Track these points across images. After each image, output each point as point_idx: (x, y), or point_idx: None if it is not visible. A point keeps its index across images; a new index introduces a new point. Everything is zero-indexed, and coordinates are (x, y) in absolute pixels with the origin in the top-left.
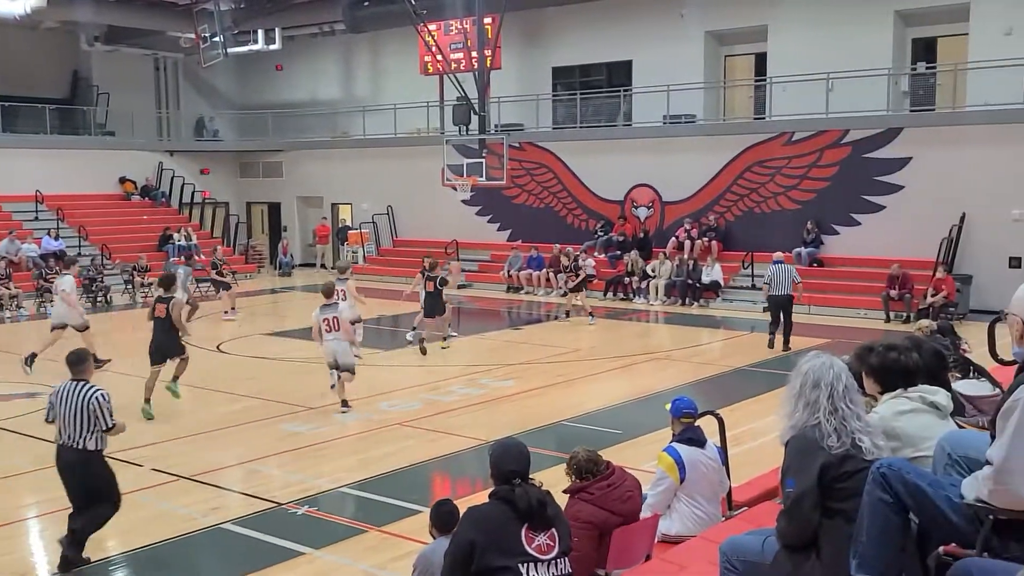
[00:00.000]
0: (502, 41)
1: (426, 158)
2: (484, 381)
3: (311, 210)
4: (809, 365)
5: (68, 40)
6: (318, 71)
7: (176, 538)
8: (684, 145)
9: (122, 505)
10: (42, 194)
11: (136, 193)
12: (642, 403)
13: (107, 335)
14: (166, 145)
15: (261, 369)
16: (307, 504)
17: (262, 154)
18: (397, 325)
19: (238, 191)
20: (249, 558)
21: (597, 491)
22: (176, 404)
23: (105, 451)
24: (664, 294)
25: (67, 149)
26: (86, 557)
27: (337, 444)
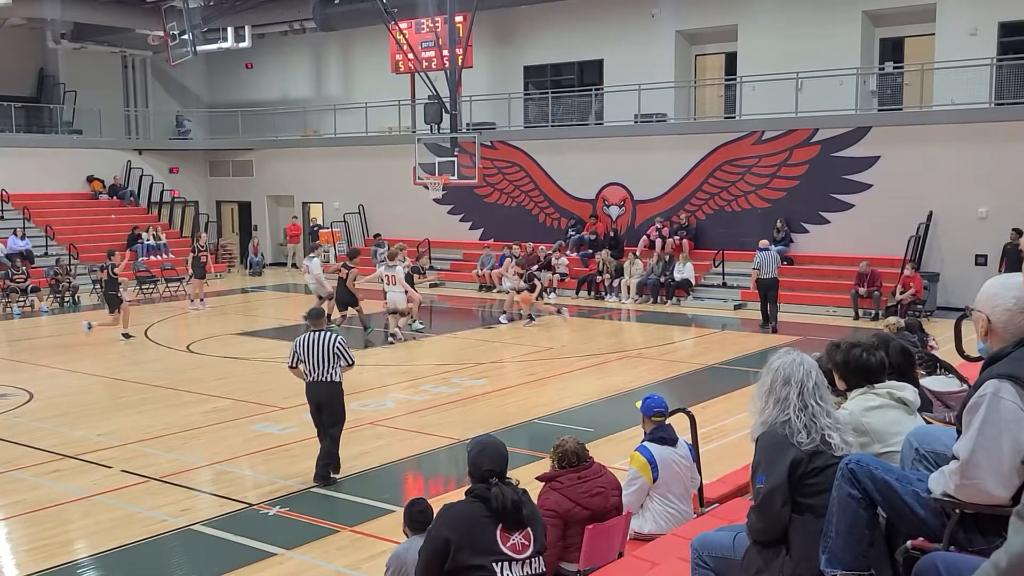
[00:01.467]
0: (473, 40)
1: (398, 157)
2: (457, 380)
3: (282, 209)
4: (779, 362)
5: (34, 37)
6: (288, 69)
7: (146, 540)
8: (655, 144)
9: (91, 507)
10: (8, 193)
11: (104, 192)
12: (614, 401)
13: (75, 336)
14: (134, 144)
15: (231, 369)
16: (278, 504)
17: (232, 153)
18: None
19: (208, 190)
20: (221, 559)
21: (567, 481)
22: (145, 404)
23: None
24: (636, 292)
25: (34, 148)
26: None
27: (308, 444)
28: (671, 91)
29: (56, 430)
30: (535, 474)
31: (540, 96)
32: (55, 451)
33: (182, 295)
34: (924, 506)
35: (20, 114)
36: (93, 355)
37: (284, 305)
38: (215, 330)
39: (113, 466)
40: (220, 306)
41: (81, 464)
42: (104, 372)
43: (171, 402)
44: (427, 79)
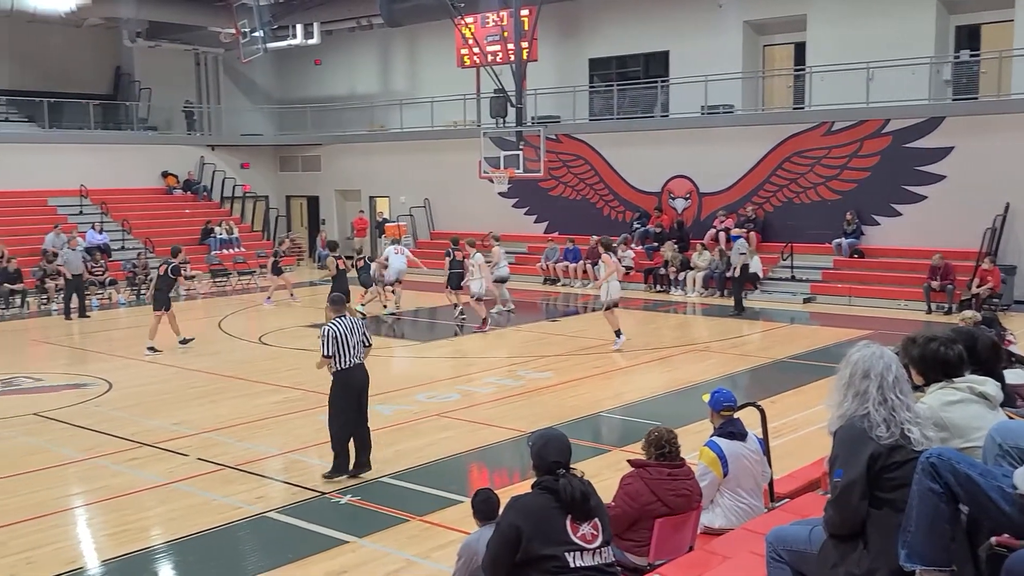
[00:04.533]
0: (539, 33)
1: (463, 151)
2: (522, 372)
3: (349, 203)
4: (859, 355)
5: (111, 36)
6: (356, 65)
7: (221, 527)
8: (722, 136)
9: (168, 494)
10: (86, 188)
11: (178, 187)
12: (681, 395)
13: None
14: (207, 140)
15: (301, 360)
16: (349, 493)
17: (301, 148)
18: (435, 317)
19: (278, 185)
20: (294, 546)
21: (656, 473)
22: (219, 394)
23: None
24: (702, 286)
25: (111, 144)
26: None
27: (377, 435)
28: (738, 82)
29: (134, 419)
30: (601, 466)
31: (605, 89)
32: (134, 439)
33: (254, 287)
34: (1009, 502)
35: (98, 111)
36: (169, 346)
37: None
38: (285, 322)
39: (189, 454)
40: (289, 299)
41: (158, 452)
42: (179, 363)
43: (243, 392)
44: (492, 73)
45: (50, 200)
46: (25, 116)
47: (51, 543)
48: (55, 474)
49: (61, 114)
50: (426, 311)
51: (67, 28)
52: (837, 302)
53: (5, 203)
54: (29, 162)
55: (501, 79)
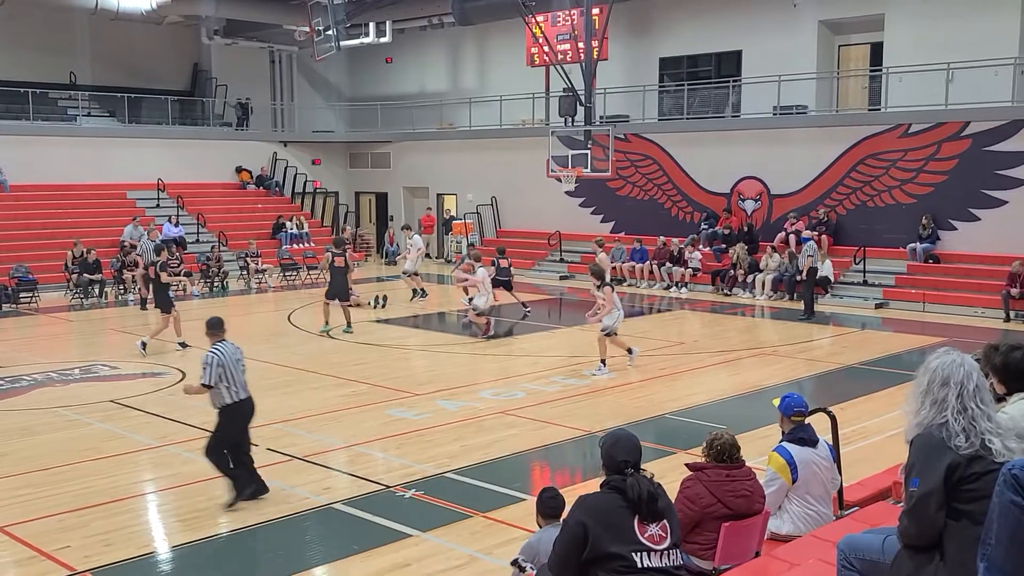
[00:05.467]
0: (609, 32)
1: (531, 149)
2: (587, 372)
3: (417, 200)
4: (938, 362)
5: (189, 34)
6: (426, 63)
7: (289, 516)
8: (794, 137)
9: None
10: (163, 182)
11: (251, 182)
12: (748, 398)
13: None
14: (280, 136)
15: (368, 355)
16: (413, 488)
17: (371, 145)
18: (498, 315)
19: (348, 181)
20: (359, 538)
21: (714, 475)
22: (288, 386)
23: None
24: (771, 289)
25: (187, 139)
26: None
27: (441, 430)
28: (812, 82)
29: (205, 408)
30: (667, 467)
31: (676, 88)
32: (205, 428)
33: (322, 282)
34: None
35: (175, 107)
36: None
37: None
38: (352, 317)
39: (259, 444)
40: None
41: None
42: (249, 354)
43: (312, 385)
44: (562, 72)
45: (129, 193)
46: (107, 111)
47: (125, 527)
48: (130, 460)
49: (140, 110)
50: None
51: (148, 26)
52: (910, 308)
53: (86, 195)
54: (109, 156)
55: (570, 78)
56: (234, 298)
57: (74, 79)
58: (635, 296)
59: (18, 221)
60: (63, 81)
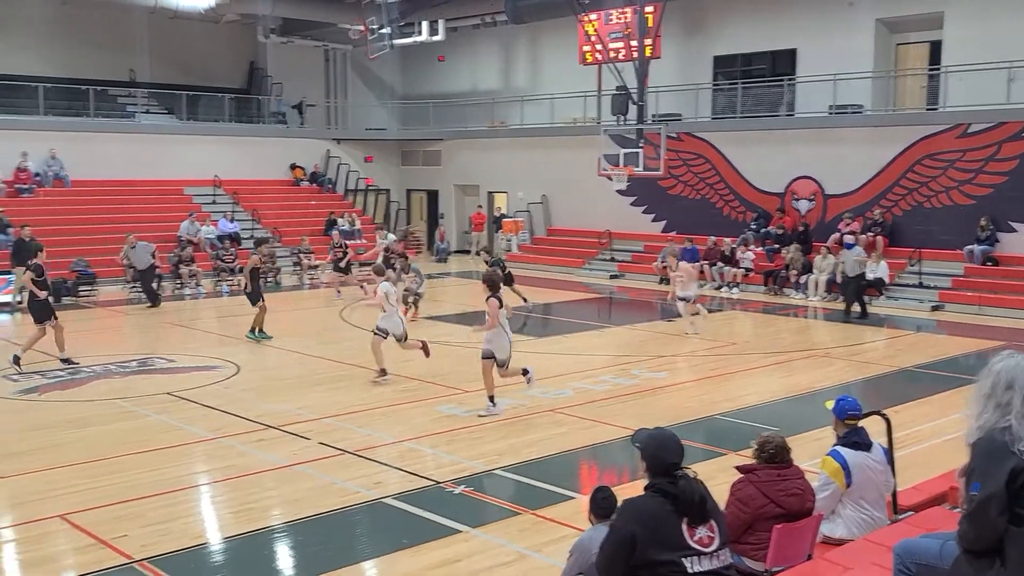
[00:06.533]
0: (663, 30)
1: (582, 148)
2: (636, 372)
3: (468, 198)
4: (1002, 365)
5: (246, 33)
6: (478, 61)
7: (340, 510)
8: (850, 136)
9: (291, 476)
10: (220, 178)
11: (305, 179)
12: (799, 401)
13: (276, 314)
14: (334, 133)
15: (418, 351)
16: (463, 484)
17: (423, 143)
18: (549, 313)
19: (399, 178)
20: (410, 532)
21: (765, 476)
22: (339, 381)
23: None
24: (824, 290)
25: (243, 136)
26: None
27: (490, 428)
28: (868, 81)
29: (259, 402)
30: (714, 470)
31: (729, 87)
32: (259, 421)
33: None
34: None
35: (232, 105)
36: (292, 332)
37: (467, 291)
38: (402, 314)
39: (311, 438)
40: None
41: (282, 435)
42: (302, 349)
43: (363, 380)
44: (615, 70)
45: (186, 189)
46: (165, 108)
47: (181, 517)
48: (185, 451)
49: (198, 107)
50: (540, 307)
51: (206, 25)
52: (967, 311)
53: (144, 191)
54: (167, 152)
55: (623, 76)
56: (286, 294)
57: (134, 77)
58: None
59: (78, 216)
60: (123, 79)
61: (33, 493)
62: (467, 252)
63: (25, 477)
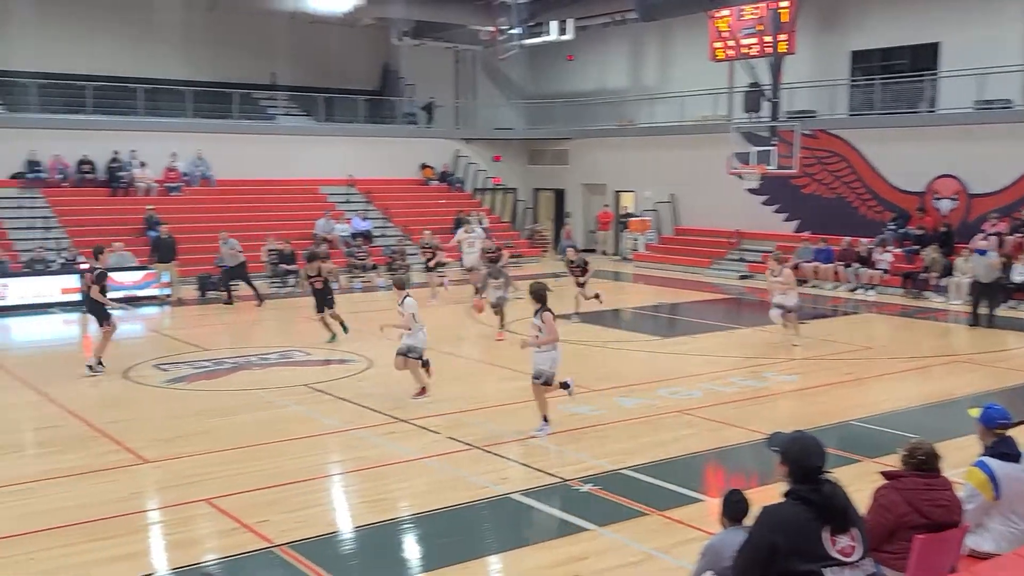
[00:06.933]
0: (798, 25)
1: (712, 146)
2: (767, 375)
3: (594, 197)
4: None
5: (380, 36)
6: (607, 60)
7: (468, 503)
8: (997, 133)
9: (421, 468)
10: (353, 178)
11: (435, 179)
12: (940, 408)
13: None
14: (463, 133)
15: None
16: (590, 482)
17: (550, 142)
18: (675, 313)
19: (526, 178)
20: (536, 528)
21: (911, 484)
22: (469, 377)
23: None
24: (967, 293)
25: (376, 137)
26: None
27: (617, 427)
28: (1017, 75)
29: (391, 395)
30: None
31: (867, 83)
32: (391, 414)
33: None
34: None
35: (365, 106)
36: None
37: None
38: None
39: (441, 432)
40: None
41: (413, 428)
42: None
43: (490, 377)
44: (747, 67)
45: (321, 188)
46: (303, 110)
47: (317, 505)
48: (321, 442)
49: (334, 109)
50: (667, 307)
51: (342, 28)
52: None
53: (282, 190)
54: (304, 153)
55: (756, 72)
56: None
57: (274, 80)
58: (819, 297)
59: (222, 213)
60: (264, 82)
61: (182, 477)
62: (593, 251)
63: (175, 462)
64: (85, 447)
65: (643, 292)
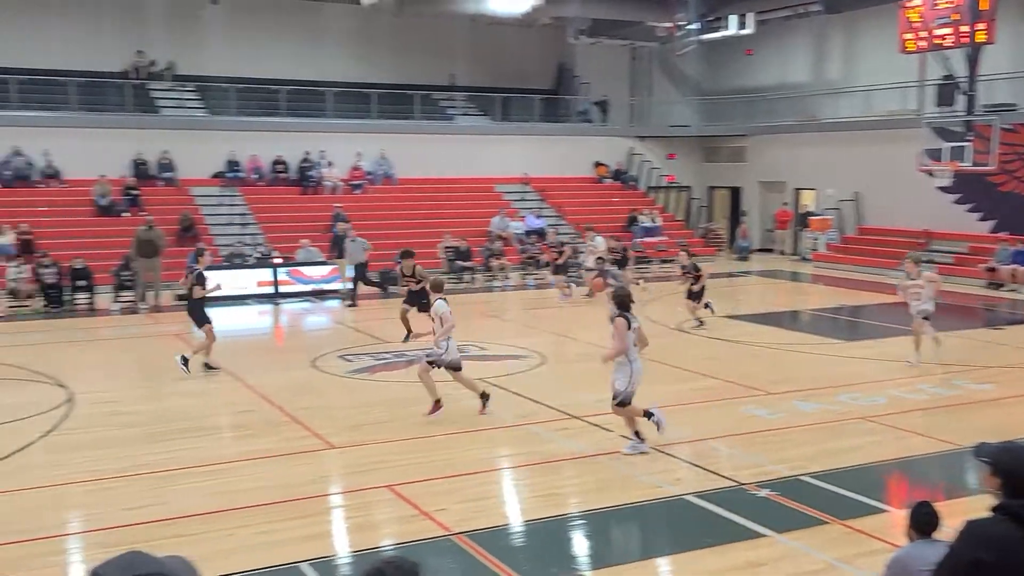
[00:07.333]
0: (998, 13)
1: (899, 142)
2: (958, 382)
3: (771, 195)
4: None
5: (556, 35)
6: (788, 54)
7: (640, 503)
8: None
9: (592, 465)
10: (528, 176)
11: (608, 177)
12: None
13: (578, 308)
14: (637, 131)
15: (718, 350)
16: (768, 488)
17: (726, 139)
18: (858, 316)
19: (701, 175)
20: (711, 532)
21: None
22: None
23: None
24: None
25: (551, 136)
26: None
27: (796, 432)
28: None
29: (564, 391)
30: None
31: None
32: (563, 410)
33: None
34: None
35: (540, 105)
36: (593, 327)
37: (769, 291)
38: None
39: (613, 430)
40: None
41: (585, 425)
42: (600, 342)
43: (661, 377)
44: (941, 58)
45: (497, 187)
46: (480, 110)
47: (492, 496)
48: (496, 435)
49: (510, 108)
50: (849, 309)
51: (519, 29)
52: None
53: (459, 189)
54: (481, 152)
55: (950, 64)
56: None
57: (453, 81)
58: (1016, 303)
59: (403, 211)
60: (443, 83)
61: (365, 463)
62: (769, 251)
63: (359, 448)
64: (277, 432)
65: (823, 293)
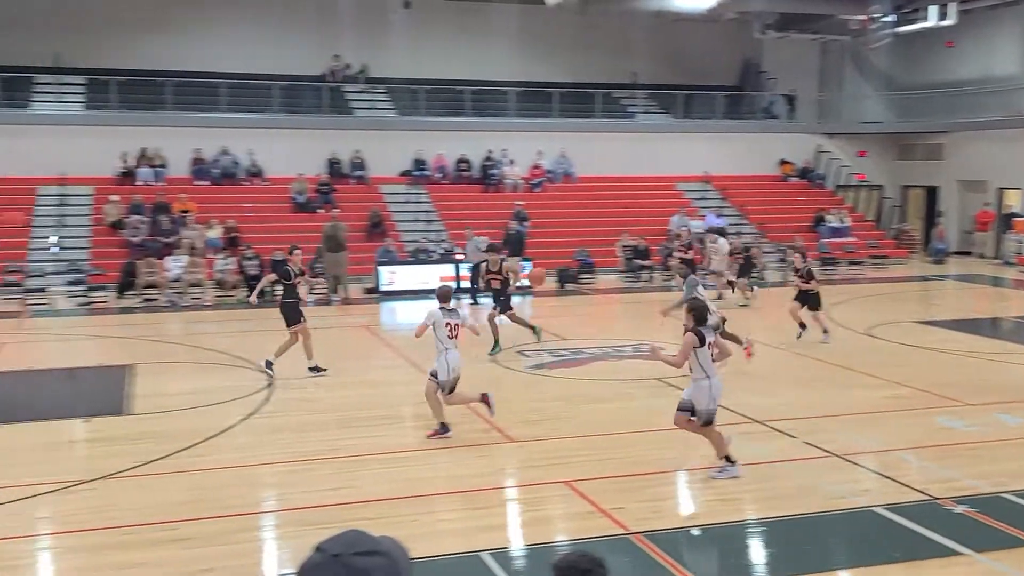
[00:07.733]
0: None
1: None
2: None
3: (972, 195)
4: None
5: (742, 30)
6: (994, 45)
7: (825, 513)
8: None
9: (773, 472)
10: (709, 175)
11: (794, 175)
12: None
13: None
14: (825, 127)
15: (912, 357)
16: (965, 504)
17: (922, 136)
18: None
19: (893, 174)
20: (901, 546)
21: None
22: (816, 381)
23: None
24: None
25: (733, 133)
26: None
27: (999, 446)
28: None
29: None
30: None
31: None
32: (743, 413)
33: (863, 278)
34: None
35: (723, 102)
36: (776, 329)
37: (966, 296)
38: (893, 316)
39: (797, 436)
40: (896, 293)
41: (767, 430)
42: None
43: (847, 383)
44: None
45: (677, 185)
46: (662, 108)
47: (671, 497)
48: (672, 436)
49: (691, 105)
50: None
51: (702, 25)
52: None
53: (639, 187)
54: (661, 150)
55: None
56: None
57: (635, 79)
58: None
59: (582, 209)
60: (625, 81)
61: (542, 459)
62: (968, 253)
63: (536, 443)
64: (458, 423)
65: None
